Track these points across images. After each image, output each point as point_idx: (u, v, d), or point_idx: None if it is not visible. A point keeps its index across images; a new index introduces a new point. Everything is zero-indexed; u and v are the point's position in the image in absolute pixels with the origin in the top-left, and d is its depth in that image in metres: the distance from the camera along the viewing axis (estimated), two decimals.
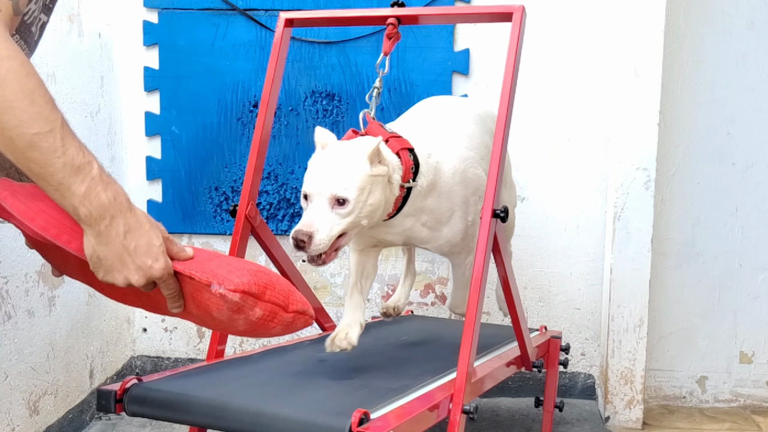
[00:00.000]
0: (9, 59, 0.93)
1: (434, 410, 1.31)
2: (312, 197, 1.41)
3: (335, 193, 1.38)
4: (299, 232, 1.36)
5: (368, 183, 1.41)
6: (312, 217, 1.39)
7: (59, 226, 1.04)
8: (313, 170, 1.45)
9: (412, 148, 1.52)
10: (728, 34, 2.38)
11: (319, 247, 1.36)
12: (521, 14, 1.55)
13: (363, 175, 1.40)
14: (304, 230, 1.36)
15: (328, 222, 1.38)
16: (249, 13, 2.41)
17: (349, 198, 1.38)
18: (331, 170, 1.41)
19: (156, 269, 1.03)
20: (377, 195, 1.43)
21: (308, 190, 1.42)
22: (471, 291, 1.43)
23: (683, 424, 2.34)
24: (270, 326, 1.11)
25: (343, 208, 1.39)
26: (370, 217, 1.44)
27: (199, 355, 2.56)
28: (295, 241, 1.36)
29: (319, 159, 1.48)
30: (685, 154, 2.42)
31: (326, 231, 1.37)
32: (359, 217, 1.42)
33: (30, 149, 0.94)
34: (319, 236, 1.36)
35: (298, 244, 1.36)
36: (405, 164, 1.48)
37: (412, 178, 1.50)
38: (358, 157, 1.42)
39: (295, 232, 1.36)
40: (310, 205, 1.41)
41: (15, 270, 1.82)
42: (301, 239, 1.35)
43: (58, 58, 2.03)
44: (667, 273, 2.45)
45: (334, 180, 1.39)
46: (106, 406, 1.29)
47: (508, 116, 1.50)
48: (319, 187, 1.40)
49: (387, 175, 1.44)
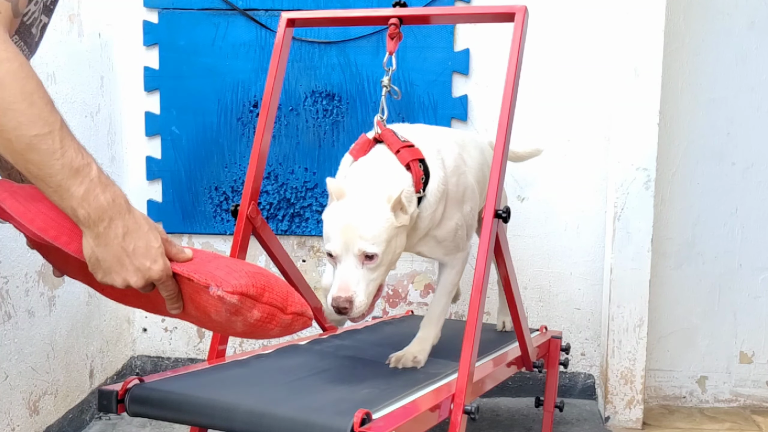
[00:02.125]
0: (8, 61, 0.92)
1: (436, 410, 1.31)
2: (340, 257, 1.39)
3: (364, 250, 1.37)
4: (339, 300, 1.35)
5: (394, 234, 1.41)
6: (346, 280, 1.37)
7: (58, 228, 1.03)
8: (335, 227, 1.41)
9: (423, 158, 1.52)
10: (728, 34, 2.38)
11: (360, 308, 1.37)
12: (524, 14, 1.55)
13: (388, 227, 1.39)
14: (343, 296, 1.35)
15: (362, 281, 1.38)
16: (249, 13, 2.41)
17: (378, 253, 1.38)
18: (354, 226, 1.38)
19: (154, 271, 1.03)
20: (402, 238, 1.45)
21: (334, 249, 1.39)
22: (473, 291, 1.43)
23: (683, 424, 2.34)
24: (268, 328, 1.11)
25: (373, 263, 1.38)
26: (398, 258, 1.47)
27: (200, 355, 2.56)
28: (336, 309, 1.36)
29: (338, 213, 1.42)
30: (685, 154, 2.42)
31: (363, 291, 1.37)
32: (390, 264, 1.44)
33: (29, 151, 0.94)
34: (359, 299, 1.36)
35: (341, 311, 1.35)
36: (415, 175, 1.48)
37: (423, 188, 1.50)
38: (381, 208, 1.40)
39: (334, 300, 1.36)
40: (340, 266, 1.39)
41: (15, 270, 1.82)
42: (344, 306, 1.35)
43: (58, 58, 2.02)
44: (667, 273, 2.45)
45: (360, 237, 1.37)
46: (108, 406, 1.29)
47: (510, 117, 1.50)
48: (346, 246, 1.38)
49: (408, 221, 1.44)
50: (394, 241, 1.42)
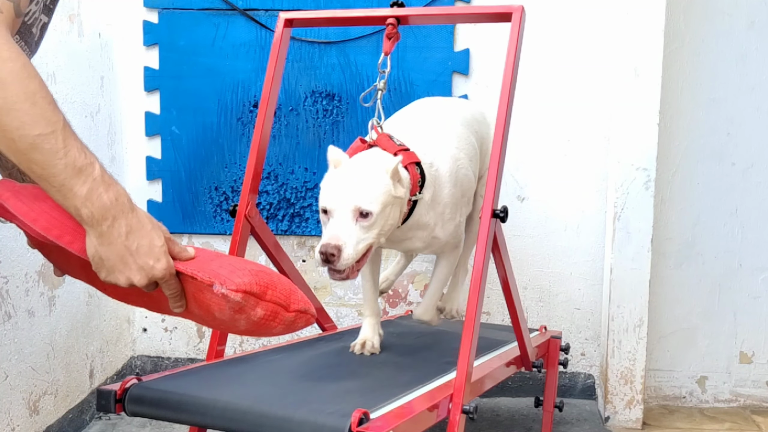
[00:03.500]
0: (11, 61, 0.93)
1: (434, 410, 1.31)
2: (333, 211, 1.39)
3: (359, 206, 1.37)
4: (328, 246, 1.34)
5: (391, 201, 1.42)
6: (337, 230, 1.37)
7: (61, 227, 1.04)
8: (332, 185, 1.43)
9: (419, 161, 1.52)
10: (728, 34, 2.38)
11: (347, 261, 1.36)
12: (520, 14, 1.55)
13: (387, 191, 1.40)
14: (332, 243, 1.35)
15: (353, 235, 1.37)
16: (249, 13, 2.41)
17: (373, 211, 1.38)
18: (352, 184, 1.40)
19: (158, 269, 1.03)
20: (396, 214, 1.46)
21: (329, 204, 1.40)
22: (470, 291, 1.43)
23: (683, 424, 2.34)
24: (272, 326, 1.11)
25: (367, 221, 1.38)
26: (387, 234, 1.46)
27: (199, 355, 2.56)
28: (323, 255, 1.34)
29: (336, 175, 1.45)
30: (685, 154, 2.42)
31: (353, 244, 1.36)
32: (381, 233, 1.42)
33: (32, 151, 0.94)
34: (347, 250, 1.35)
35: (328, 258, 1.34)
36: (413, 178, 1.49)
37: (419, 191, 1.51)
38: (380, 172, 1.41)
39: (323, 246, 1.35)
40: (332, 219, 1.39)
41: (15, 270, 1.82)
42: (331, 252, 1.34)
43: (58, 58, 2.03)
44: (667, 273, 2.45)
45: (358, 193, 1.38)
46: (106, 406, 1.29)
47: (507, 116, 1.50)
48: (342, 201, 1.38)
49: (404, 197, 1.45)
50: (390, 209, 1.42)
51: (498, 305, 2.44)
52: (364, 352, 1.65)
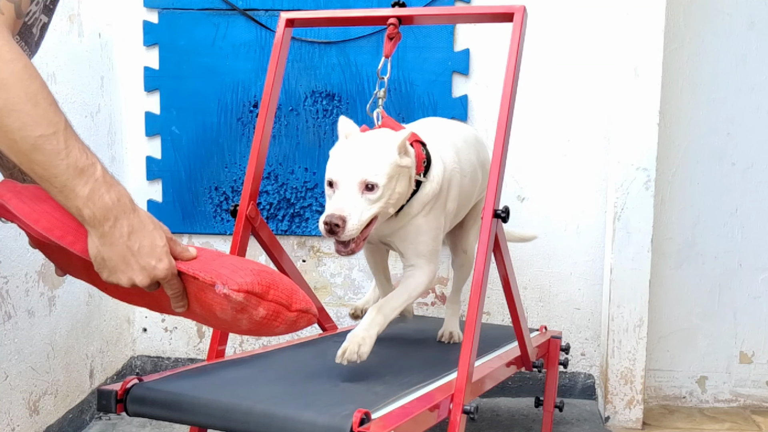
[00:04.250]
0: (12, 62, 0.93)
1: (435, 410, 1.31)
2: (339, 183, 1.39)
3: (365, 178, 1.37)
4: (332, 216, 1.33)
5: (397, 172, 1.41)
6: (342, 202, 1.36)
7: (63, 228, 1.04)
8: (339, 157, 1.43)
9: (423, 142, 1.53)
10: (728, 34, 2.38)
11: (351, 231, 1.35)
12: (522, 14, 1.55)
13: (392, 163, 1.40)
14: (337, 214, 1.34)
15: (358, 206, 1.36)
16: (249, 13, 2.41)
17: (378, 183, 1.37)
18: (359, 156, 1.40)
19: (160, 269, 1.03)
20: (404, 184, 1.45)
21: (335, 176, 1.40)
22: (472, 291, 1.43)
23: (683, 424, 2.34)
24: (274, 325, 1.12)
25: (373, 194, 1.38)
26: (396, 205, 1.45)
27: (199, 355, 2.56)
28: (328, 226, 1.33)
29: (344, 147, 1.46)
30: (685, 154, 2.42)
31: (357, 215, 1.36)
32: (387, 204, 1.41)
33: (34, 152, 0.94)
34: (351, 221, 1.35)
35: (332, 228, 1.33)
36: (418, 157, 1.49)
37: (423, 173, 1.51)
38: (387, 145, 1.42)
39: (327, 216, 1.34)
40: (338, 191, 1.38)
41: (15, 270, 1.82)
42: (335, 223, 1.33)
43: (58, 58, 2.03)
44: (667, 273, 2.45)
45: (364, 165, 1.38)
46: (107, 406, 1.29)
47: (509, 116, 1.50)
48: (348, 173, 1.38)
49: (410, 167, 1.45)
50: (396, 180, 1.41)
51: (498, 305, 2.44)
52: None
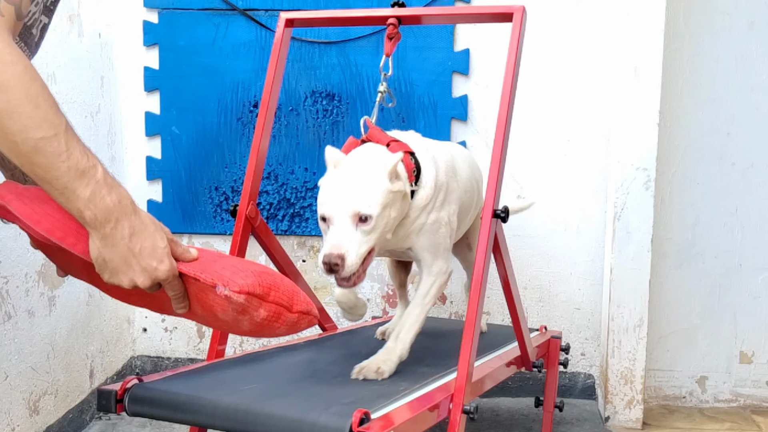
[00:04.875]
0: (12, 64, 0.93)
1: (434, 410, 1.31)
2: (332, 218, 1.37)
3: (358, 211, 1.35)
4: (331, 256, 1.32)
5: (390, 199, 1.39)
6: (338, 238, 1.35)
7: (64, 229, 1.04)
8: (330, 190, 1.40)
9: (412, 151, 1.51)
10: (728, 34, 2.38)
11: (351, 268, 1.33)
12: (522, 14, 1.55)
13: (384, 191, 1.38)
14: (335, 253, 1.32)
15: (355, 241, 1.35)
16: (249, 13, 2.41)
17: (372, 214, 1.35)
18: (350, 188, 1.37)
19: (161, 271, 1.04)
20: (397, 209, 1.43)
21: (327, 211, 1.37)
22: (472, 291, 1.43)
23: (683, 424, 2.34)
24: (274, 327, 1.12)
25: (367, 225, 1.36)
26: (392, 230, 1.44)
27: (199, 355, 2.56)
28: (327, 266, 1.32)
29: (333, 178, 1.42)
30: (685, 154, 2.42)
31: (355, 250, 1.34)
32: (384, 232, 1.40)
33: (35, 154, 0.95)
34: (350, 257, 1.33)
35: (332, 267, 1.32)
36: (407, 167, 1.47)
37: (415, 182, 1.50)
38: (377, 173, 1.39)
39: (326, 256, 1.33)
40: (333, 227, 1.36)
41: (15, 270, 1.82)
42: (335, 262, 1.32)
43: (58, 58, 2.03)
44: (667, 273, 2.45)
45: (355, 198, 1.36)
46: (107, 406, 1.29)
47: (508, 116, 1.50)
48: (340, 207, 1.36)
49: (404, 189, 1.43)
50: (389, 208, 1.40)
51: (498, 305, 2.44)
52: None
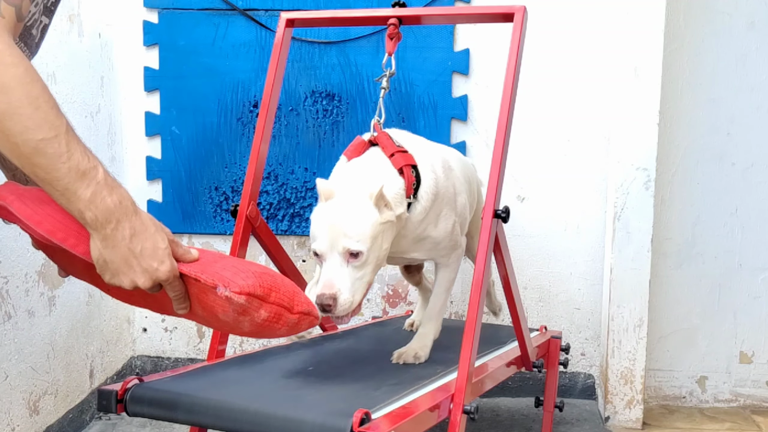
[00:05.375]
0: (13, 66, 0.93)
1: (435, 410, 1.31)
2: (324, 255, 1.38)
3: (348, 248, 1.35)
4: (323, 297, 1.33)
5: (380, 230, 1.39)
6: (331, 277, 1.35)
7: (66, 230, 1.04)
8: (320, 226, 1.41)
9: (415, 164, 1.51)
10: (728, 34, 2.38)
11: (344, 307, 1.34)
12: (522, 15, 1.55)
13: (373, 224, 1.38)
14: (327, 293, 1.33)
15: (348, 279, 1.35)
16: (249, 13, 2.41)
17: (362, 250, 1.36)
18: (338, 224, 1.37)
19: (162, 272, 1.04)
20: (389, 237, 1.43)
21: (319, 248, 1.39)
22: (472, 291, 1.43)
23: (683, 424, 2.34)
24: (275, 327, 1.12)
25: (358, 260, 1.36)
26: (386, 257, 1.44)
27: (199, 355, 2.56)
28: (320, 306, 1.32)
29: (323, 213, 1.42)
30: (685, 154, 2.42)
31: (348, 288, 1.35)
32: (377, 264, 1.41)
33: (35, 155, 0.95)
34: (343, 296, 1.34)
35: (324, 308, 1.33)
36: (407, 180, 1.47)
37: (413, 194, 1.49)
38: (364, 205, 1.38)
39: (318, 297, 1.33)
40: (325, 264, 1.38)
41: (15, 270, 1.82)
42: (327, 303, 1.32)
43: (58, 58, 2.03)
44: (667, 273, 2.45)
45: (344, 234, 1.36)
46: (107, 406, 1.29)
47: (509, 116, 1.50)
48: (330, 244, 1.37)
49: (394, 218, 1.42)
50: (380, 238, 1.40)
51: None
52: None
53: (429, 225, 1.57)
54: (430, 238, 1.59)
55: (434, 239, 1.59)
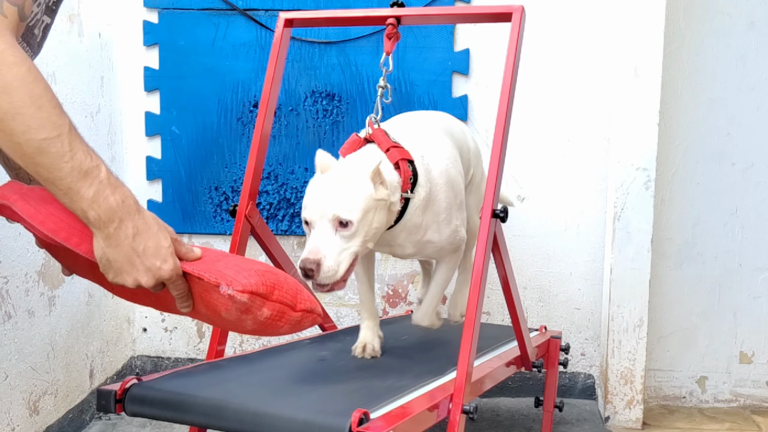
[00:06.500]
0: (16, 66, 0.93)
1: (434, 410, 1.31)
2: (314, 222, 1.36)
3: (338, 215, 1.34)
4: (307, 261, 1.31)
5: (373, 206, 1.38)
6: (317, 243, 1.34)
7: (69, 229, 1.05)
8: (313, 194, 1.40)
9: (411, 159, 1.51)
10: (728, 34, 2.38)
11: (328, 274, 1.32)
12: (521, 14, 1.55)
13: (367, 197, 1.37)
14: (311, 258, 1.31)
15: (334, 247, 1.34)
16: (249, 13, 2.41)
17: (353, 220, 1.34)
18: (331, 193, 1.37)
19: (165, 270, 1.04)
20: (381, 217, 1.42)
21: (309, 215, 1.37)
22: (471, 291, 1.43)
23: (683, 424, 2.34)
24: (278, 325, 1.12)
25: (348, 231, 1.35)
26: (374, 238, 1.42)
27: (199, 355, 2.56)
28: (303, 270, 1.32)
29: (317, 183, 1.42)
30: (685, 154, 2.42)
31: (334, 256, 1.33)
32: (365, 240, 1.39)
33: (38, 155, 0.95)
34: (327, 263, 1.32)
35: (307, 273, 1.31)
36: (404, 174, 1.47)
37: (411, 189, 1.49)
38: (360, 178, 1.38)
39: (302, 261, 1.32)
40: (313, 231, 1.36)
41: (15, 270, 1.82)
42: (310, 267, 1.31)
43: (58, 58, 2.03)
44: (667, 273, 2.45)
45: (336, 202, 1.35)
46: (106, 406, 1.29)
47: (508, 116, 1.50)
48: (321, 211, 1.35)
49: (389, 198, 1.42)
50: (372, 214, 1.38)
51: (498, 305, 2.44)
52: (365, 355, 1.65)
53: (429, 229, 1.57)
54: (432, 244, 1.59)
55: (436, 245, 1.60)
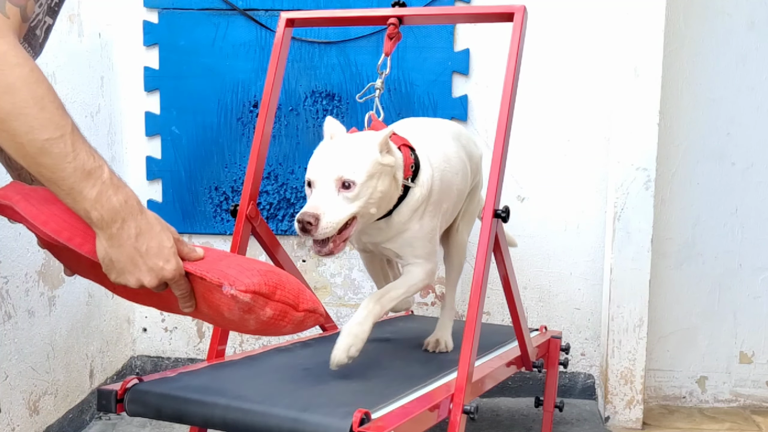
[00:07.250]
0: (19, 66, 0.93)
1: (435, 410, 1.31)
2: (316, 182, 1.37)
3: (341, 176, 1.34)
4: (305, 214, 1.30)
5: (377, 170, 1.38)
6: (318, 200, 1.34)
7: (71, 230, 1.05)
8: (319, 157, 1.42)
9: (412, 146, 1.51)
10: (728, 34, 2.38)
11: (326, 230, 1.31)
12: (522, 14, 1.55)
13: (372, 161, 1.37)
14: (310, 212, 1.31)
15: (334, 205, 1.34)
16: (249, 13, 2.41)
17: (356, 181, 1.34)
18: (337, 155, 1.38)
19: (167, 270, 1.04)
20: (386, 183, 1.41)
21: (312, 175, 1.37)
22: (472, 291, 1.43)
23: (683, 424, 2.34)
24: (281, 325, 1.12)
25: (350, 192, 1.34)
26: (378, 205, 1.41)
27: (199, 355, 2.56)
28: (300, 224, 1.30)
29: (325, 147, 1.45)
30: (685, 154, 2.42)
31: (333, 214, 1.33)
32: (368, 204, 1.38)
33: (41, 155, 0.95)
34: (326, 219, 1.31)
35: (305, 226, 1.30)
36: (405, 160, 1.47)
37: (411, 178, 1.49)
38: (367, 144, 1.39)
39: (300, 214, 1.31)
40: (315, 190, 1.36)
41: (15, 270, 1.82)
42: (308, 221, 1.30)
43: (58, 58, 2.03)
44: (667, 273, 2.45)
45: (341, 163, 1.36)
46: (107, 406, 1.29)
47: (509, 116, 1.50)
48: (325, 171, 1.36)
49: (394, 166, 1.42)
50: (376, 179, 1.38)
51: (498, 305, 2.44)
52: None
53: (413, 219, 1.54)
54: (409, 232, 1.54)
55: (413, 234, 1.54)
